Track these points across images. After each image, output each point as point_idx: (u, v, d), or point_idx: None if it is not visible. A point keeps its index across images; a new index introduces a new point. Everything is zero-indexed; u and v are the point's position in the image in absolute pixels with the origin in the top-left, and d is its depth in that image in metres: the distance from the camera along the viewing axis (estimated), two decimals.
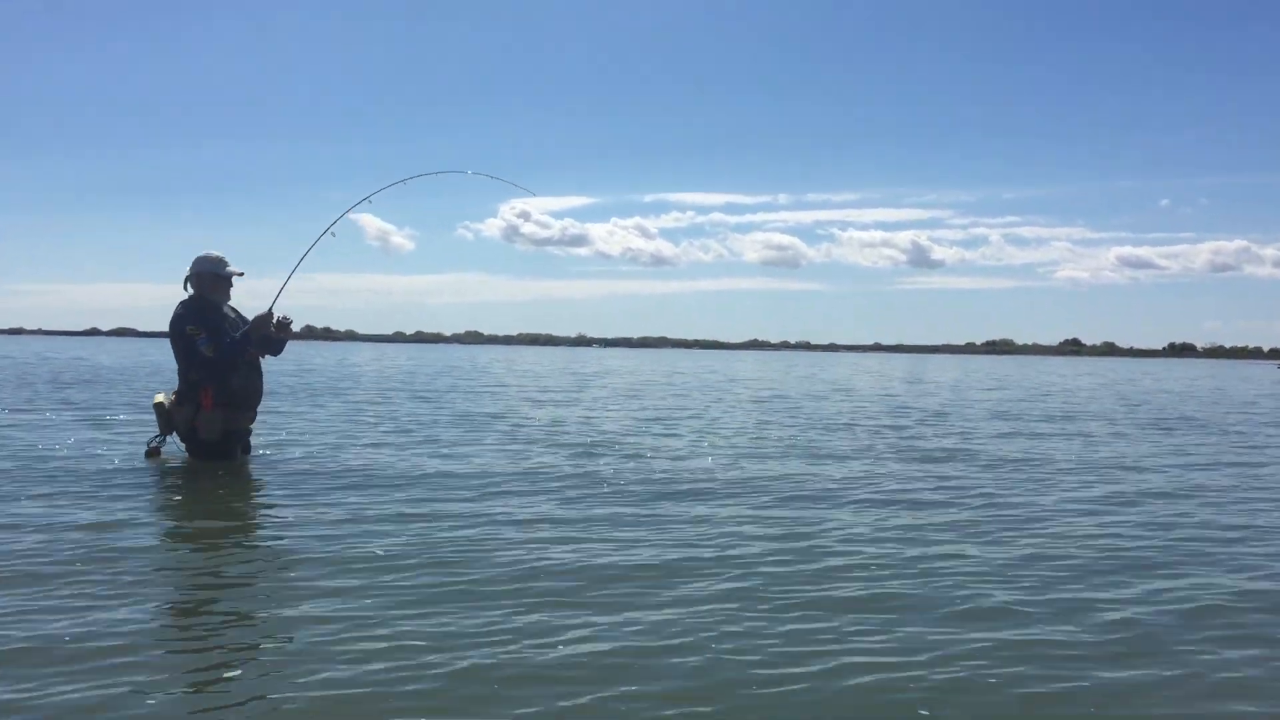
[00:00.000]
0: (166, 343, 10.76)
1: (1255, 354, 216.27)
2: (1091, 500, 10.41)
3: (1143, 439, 17.84)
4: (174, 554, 7.18)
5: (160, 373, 33.70)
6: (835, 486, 10.87)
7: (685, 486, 10.58)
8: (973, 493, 10.67)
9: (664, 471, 11.74)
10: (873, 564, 7.15)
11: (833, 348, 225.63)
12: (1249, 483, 12.13)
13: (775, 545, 7.72)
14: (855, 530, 8.45)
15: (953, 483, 11.40)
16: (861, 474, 11.94)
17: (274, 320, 10.67)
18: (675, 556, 7.22)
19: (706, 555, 7.29)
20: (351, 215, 12.14)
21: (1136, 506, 10.07)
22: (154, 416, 10.92)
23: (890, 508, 9.62)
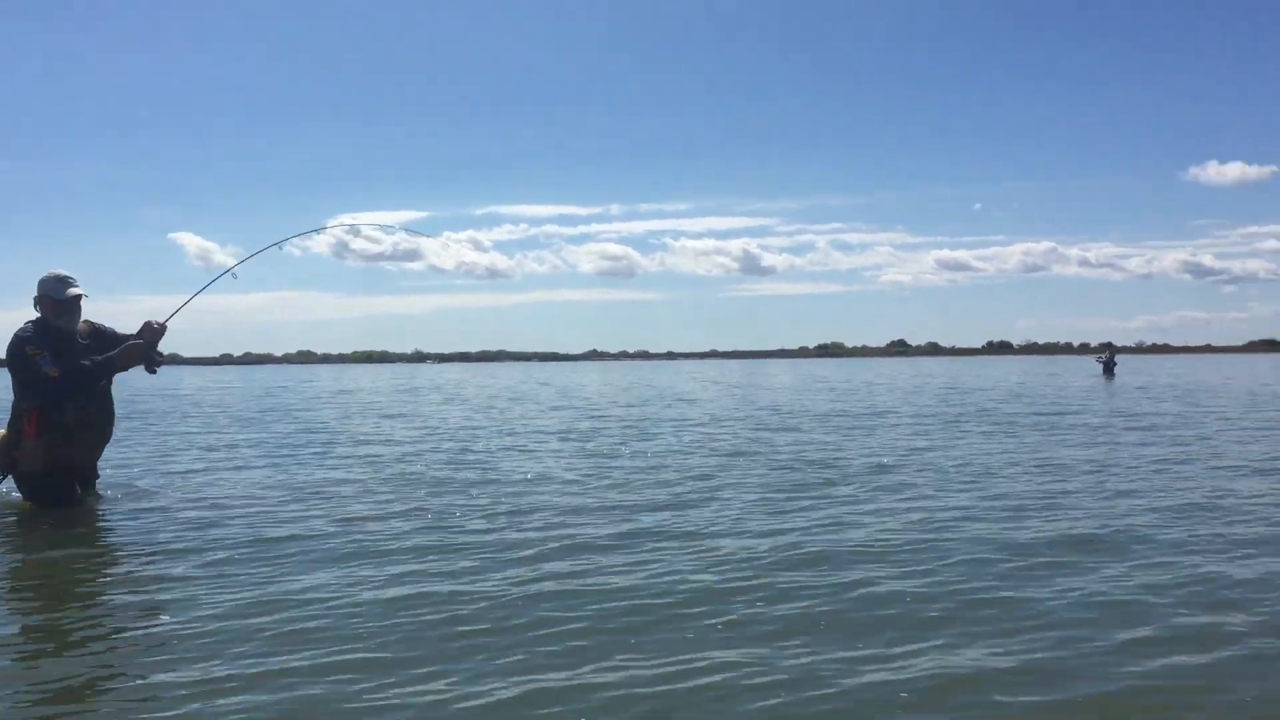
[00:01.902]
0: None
1: (1066, 349, 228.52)
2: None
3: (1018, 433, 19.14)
4: None
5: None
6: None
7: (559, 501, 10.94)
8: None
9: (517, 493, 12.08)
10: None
11: (671, 355, 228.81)
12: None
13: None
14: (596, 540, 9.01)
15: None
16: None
17: (152, 350, 9.81)
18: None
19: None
20: (170, 235, 11.88)
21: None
22: None
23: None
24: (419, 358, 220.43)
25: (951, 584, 6.96)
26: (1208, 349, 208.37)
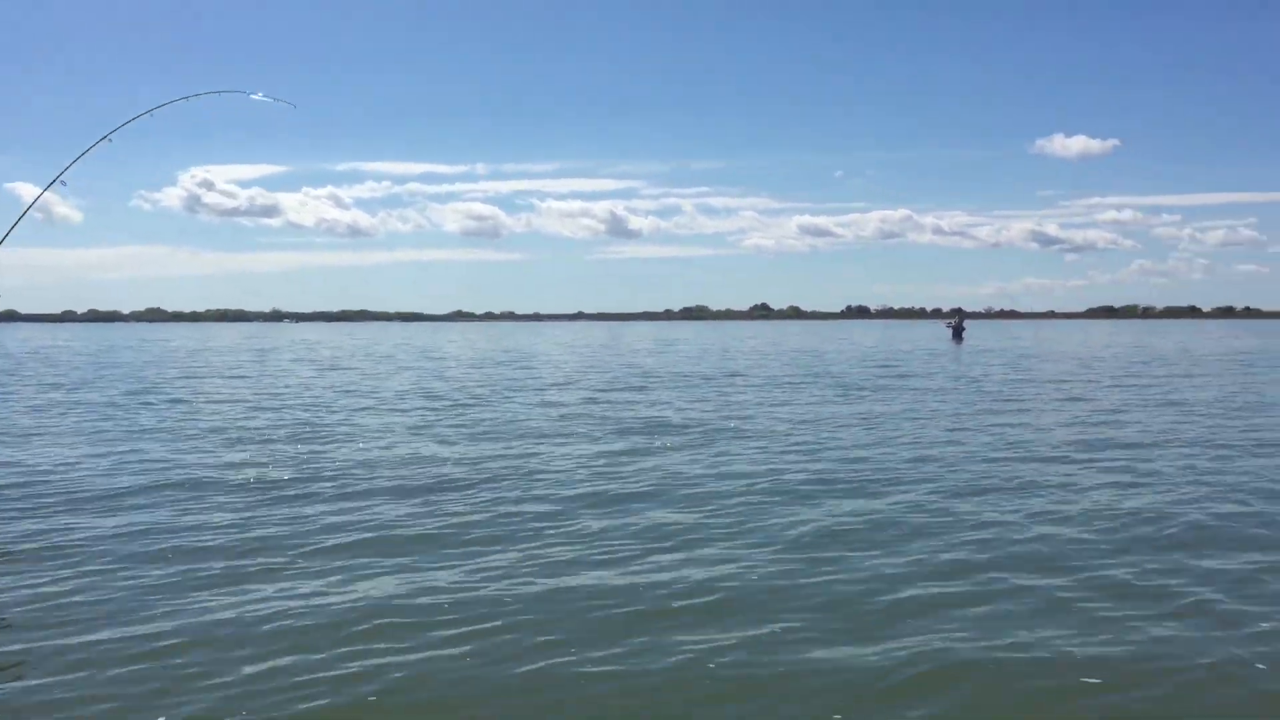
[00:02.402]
0: None
1: (920, 314, 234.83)
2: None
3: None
4: None
5: None
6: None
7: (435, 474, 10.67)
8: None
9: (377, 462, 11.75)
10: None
11: (537, 317, 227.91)
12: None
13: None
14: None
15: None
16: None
17: None
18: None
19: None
20: (7, 185, 11.10)
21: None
22: None
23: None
24: (276, 316, 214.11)
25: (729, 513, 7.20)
26: (1051, 315, 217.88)
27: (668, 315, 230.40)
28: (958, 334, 56.27)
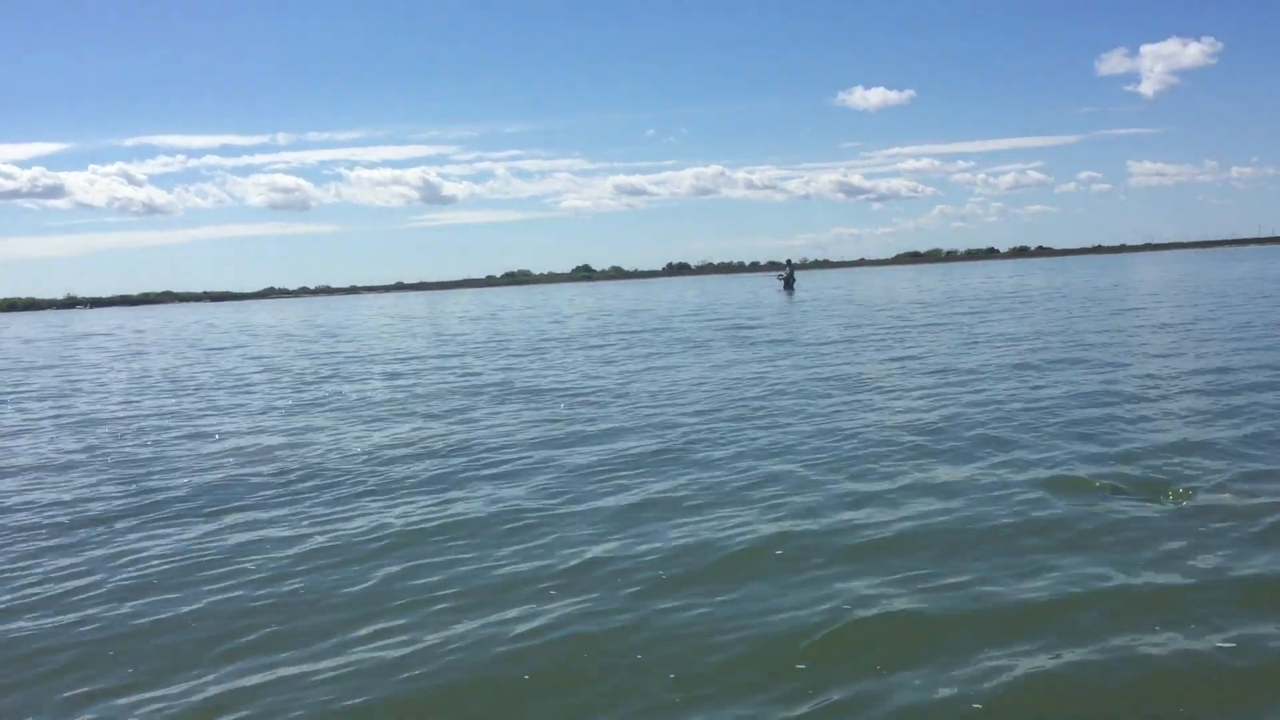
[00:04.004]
0: None
1: (739, 268, 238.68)
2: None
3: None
4: None
5: None
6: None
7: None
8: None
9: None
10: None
11: (354, 290, 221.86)
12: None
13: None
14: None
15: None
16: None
17: None
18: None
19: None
20: None
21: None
22: None
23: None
24: (70, 303, 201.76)
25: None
26: (863, 263, 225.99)
27: (489, 282, 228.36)
28: (789, 285, 57.75)
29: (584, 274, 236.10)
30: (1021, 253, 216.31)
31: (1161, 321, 22.31)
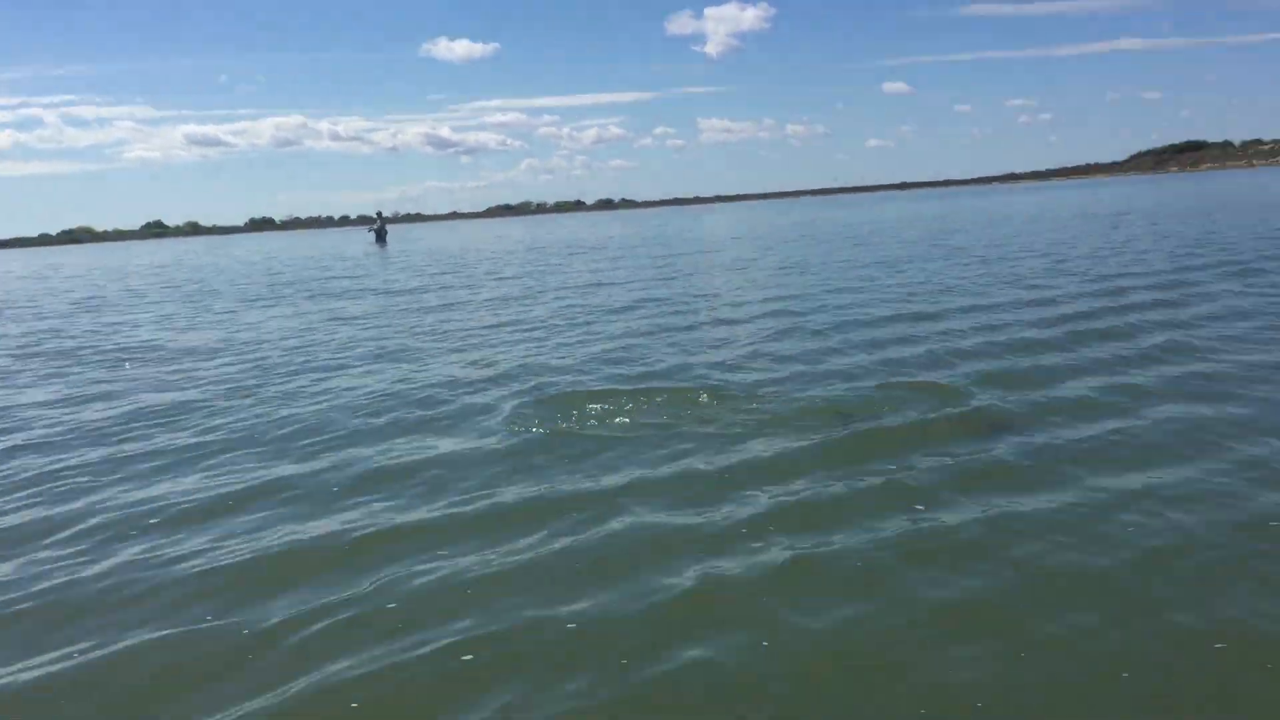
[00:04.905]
0: None
1: (329, 223, 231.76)
2: None
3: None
4: None
5: None
6: None
7: None
8: None
9: None
10: None
11: None
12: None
13: None
14: None
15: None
16: None
17: None
18: None
19: None
20: None
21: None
22: None
23: None
24: None
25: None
26: (455, 216, 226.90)
27: (44, 240, 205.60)
28: (380, 238, 56.29)
29: (156, 230, 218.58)
30: (607, 205, 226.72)
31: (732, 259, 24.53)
